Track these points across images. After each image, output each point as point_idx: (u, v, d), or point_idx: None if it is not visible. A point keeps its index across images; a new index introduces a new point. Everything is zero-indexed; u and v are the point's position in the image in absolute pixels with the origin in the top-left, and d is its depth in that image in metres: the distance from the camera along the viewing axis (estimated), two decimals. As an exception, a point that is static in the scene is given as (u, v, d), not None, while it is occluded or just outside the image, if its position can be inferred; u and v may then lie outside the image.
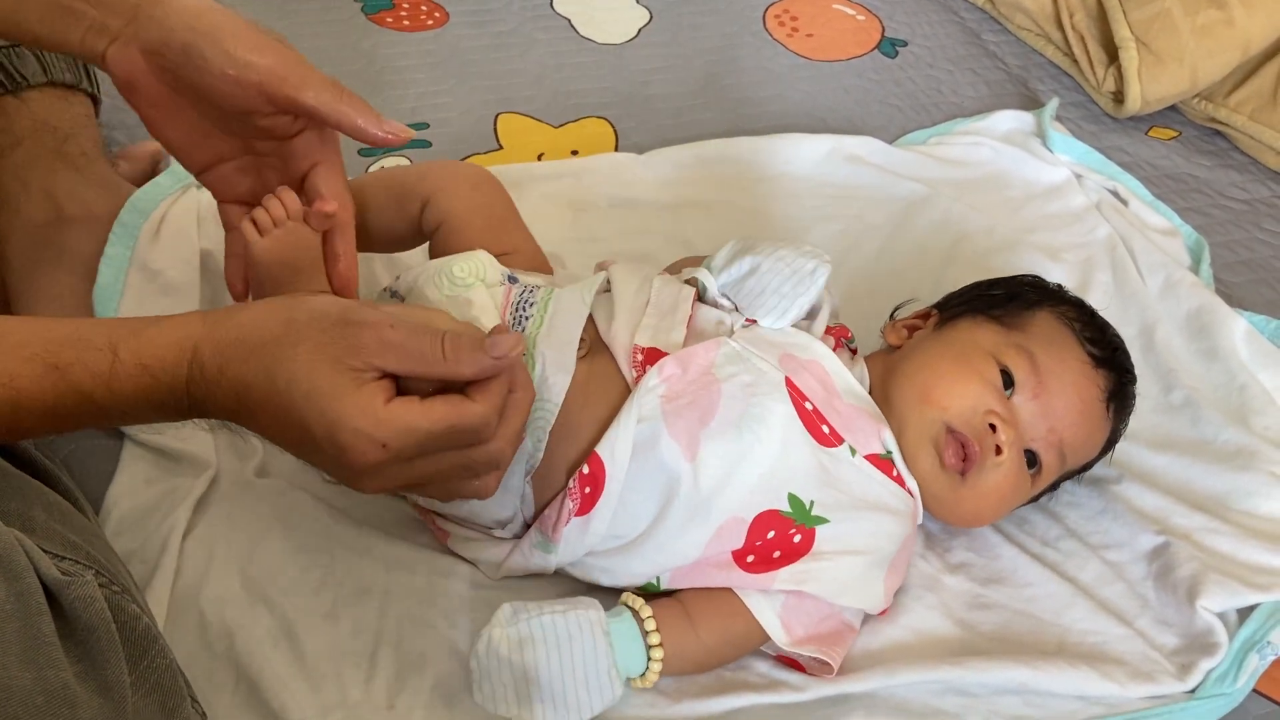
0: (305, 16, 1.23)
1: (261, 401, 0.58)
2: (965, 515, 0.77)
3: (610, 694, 0.67)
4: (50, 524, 0.58)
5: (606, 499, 0.69)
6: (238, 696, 0.68)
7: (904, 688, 0.72)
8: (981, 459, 0.73)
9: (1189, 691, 0.74)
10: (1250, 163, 1.21)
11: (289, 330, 0.59)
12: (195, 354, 0.58)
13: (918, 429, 0.74)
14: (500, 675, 0.66)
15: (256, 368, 0.58)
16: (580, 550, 0.71)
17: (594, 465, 0.69)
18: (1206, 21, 1.18)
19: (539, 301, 0.73)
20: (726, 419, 0.69)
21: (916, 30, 1.35)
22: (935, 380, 0.74)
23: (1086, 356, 0.77)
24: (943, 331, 0.79)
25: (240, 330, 0.59)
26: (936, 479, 0.74)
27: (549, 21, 1.28)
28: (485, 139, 1.11)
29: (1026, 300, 0.80)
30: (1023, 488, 0.76)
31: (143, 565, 0.72)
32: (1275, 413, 0.90)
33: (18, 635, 0.48)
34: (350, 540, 0.76)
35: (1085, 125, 1.23)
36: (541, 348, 0.70)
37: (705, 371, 0.71)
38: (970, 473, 0.73)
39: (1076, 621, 0.77)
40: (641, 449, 0.69)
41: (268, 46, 0.66)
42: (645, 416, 0.69)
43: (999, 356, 0.75)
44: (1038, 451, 0.75)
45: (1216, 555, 0.80)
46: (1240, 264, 1.09)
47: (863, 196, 1.08)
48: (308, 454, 0.60)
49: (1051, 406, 0.75)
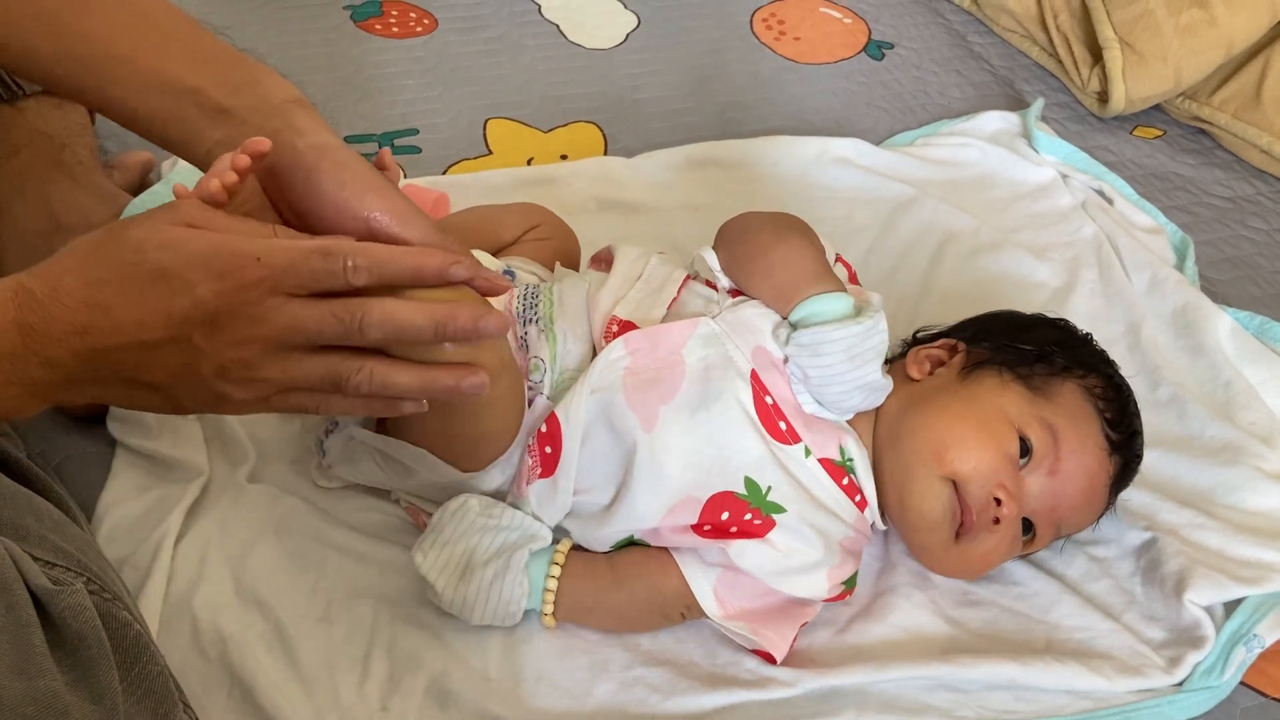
0: (295, 24, 1.24)
1: (112, 285, 0.56)
2: (949, 571, 0.78)
3: (508, 618, 0.71)
4: (42, 532, 0.58)
5: (566, 459, 0.70)
6: (231, 701, 0.68)
7: (894, 684, 0.72)
8: (978, 528, 0.73)
9: (1176, 685, 0.74)
10: (1234, 160, 1.22)
11: (117, 223, 0.59)
12: (18, 290, 0.56)
13: (925, 483, 0.73)
14: (451, 539, 0.70)
15: (98, 260, 0.57)
16: (556, 512, 0.72)
17: (551, 425, 0.71)
18: (1189, 21, 1.19)
19: (544, 292, 0.76)
20: (686, 399, 0.71)
21: (903, 33, 1.35)
22: (954, 441, 0.73)
23: (1105, 442, 0.75)
24: (968, 383, 0.76)
25: (61, 255, 0.58)
26: (932, 533, 0.74)
27: (537, 27, 1.28)
28: (475, 144, 1.12)
29: (1055, 366, 0.76)
30: (1012, 551, 0.76)
31: (135, 572, 0.72)
32: (1260, 407, 0.91)
33: (8, 646, 0.48)
34: (342, 544, 0.76)
35: (1070, 125, 1.24)
36: (559, 323, 0.73)
37: (673, 351, 0.72)
38: (964, 538, 0.73)
39: (1064, 618, 0.77)
40: (602, 417, 0.71)
41: (383, 188, 0.65)
42: (608, 386, 0.71)
43: (1022, 427, 0.73)
44: (1035, 523, 0.75)
45: (1203, 550, 0.81)
46: (1225, 261, 1.09)
47: (850, 198, 1.08)
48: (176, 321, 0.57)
49: (1062, 488, 0.74)
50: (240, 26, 1.22)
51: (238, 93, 0.66)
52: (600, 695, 0.71)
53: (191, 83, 0.66)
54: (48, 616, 0.51)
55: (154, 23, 0.68)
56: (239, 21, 1.23)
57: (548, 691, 0.70)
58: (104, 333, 0.56)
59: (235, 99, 0.66)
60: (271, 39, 1.21)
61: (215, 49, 0.69)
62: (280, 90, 0.67)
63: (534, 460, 0.71)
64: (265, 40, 1.21)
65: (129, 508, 0.76)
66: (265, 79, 0.67)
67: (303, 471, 0.80)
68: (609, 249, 0.80)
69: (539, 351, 0.72)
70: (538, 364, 0.72)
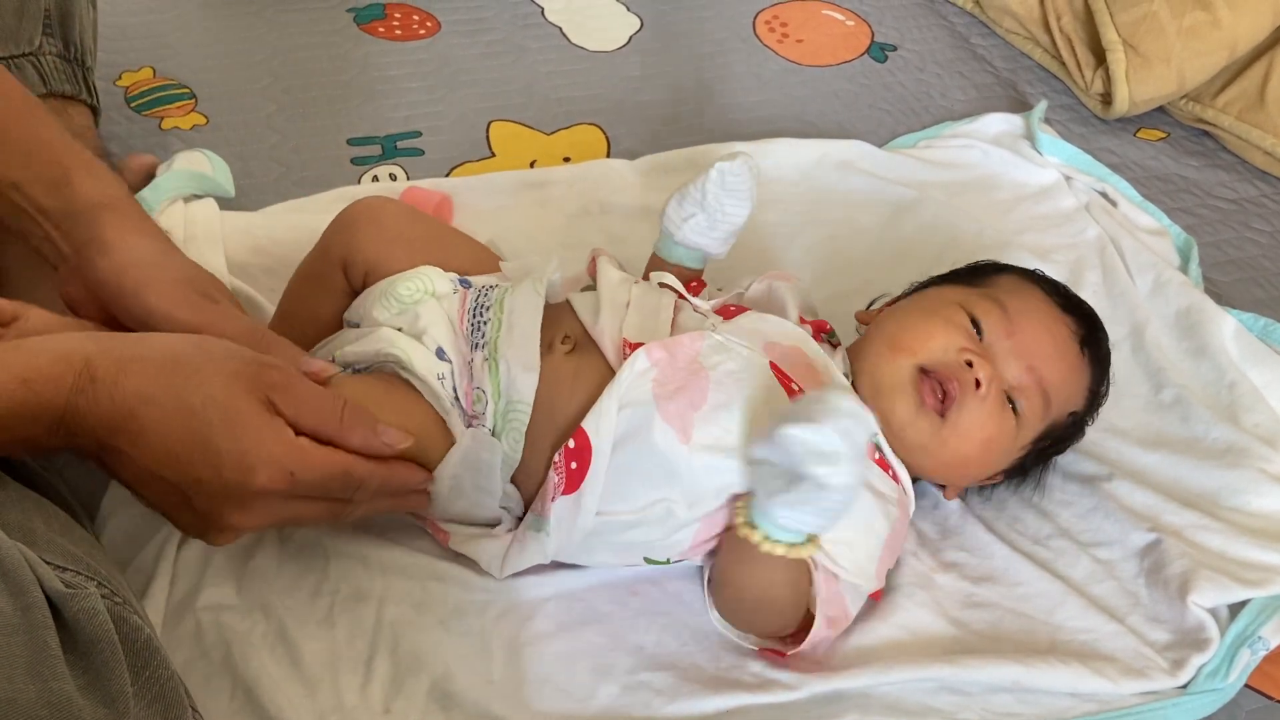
0: (297, 27, 1.24)
1: (160, 419, 0.58)
2: (950, 460, 0.75)
3: None
4: (50, 535, 0.58)
5: (594, 474, 0.69)
6: (235, 703, 0.68)
7: (897, 686, 0.72)
8: (961, 395, 0.73)
9: (1181, 687, 0.74)
10: (1238, 162, 1.22)
11: (201, 352, 0.61)
12: (86, 365, 0.57)
13: (891, 377, 0.74)
14: None
15: (163, 384, 0.58)
16: (576, 532, 0.71)
17: (579, 440, 0.69)
18: (1193, 23, 1.19)
19: (494, 303, 0.73)
20: (717, 403, 0.70)
21: (905, 35, 1.35)
22: (902, 330, 0.76)
23: (1053, 303, 0.79)
24: (911, 297, 0.82)
25: (143, 347, 0.60)
26: (915, 424, 0.74)
27: (540, 30, 1.29)
28: (478, 146, 1.12)
29: (991, 268, 0.83)
30: (1007, 430, 0.75)
31: (139, 575, 0.72)
32: (1265, 409, 0.91)
33: (23, 648, 0.48)
34: (345, 546, 0.76)
35: (1074, 127, 1.24)
36: (504, 350, 0.71)
37: (692, 360, 0.72)
38: (950, 411, 0.73)
39: (1068, 619, 0.77)
40: (636, 433, 0.69)
41: (194, 303, 0.68)
42: (638, 401, 0.70)
43: (967, 307, 0.76)
44: (1017, 396, 0.75)
45: (1207, 552, 0.80)
46: (1229, 263, 1.09)
47: (853, 200, 1.08)
48: (191, 479, 0.60)
49: (1025, 344, 0.75)
50: (243, 30, 1.22)
51: (54, 191, 0.69)
52: (603, 698, 0.70)
53: (13, 178, 0.68)
54: (61, 620, 0.51)
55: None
56: (242, 25, 1.23)
57: (551, 694, 0.70)
58: (128, 442, 0.59)
59: (51, 199, 0.69)
60: (274, 42, 1.21)
61: (42, 141, 0.71)
62: (91, 191, 0.69)
63: (560, 477, 0.70)
64: (268, 43, 1.21)
65: (132, 510, 0.76)
66: (79, 178, 0.70)
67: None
68: (593, 260, 0.80)
69: (481, 382, 0.71)
70: (479, 395, 0.71)
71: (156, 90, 1.13)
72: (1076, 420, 0.80)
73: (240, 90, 1.14)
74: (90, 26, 0.97)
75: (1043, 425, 0.78)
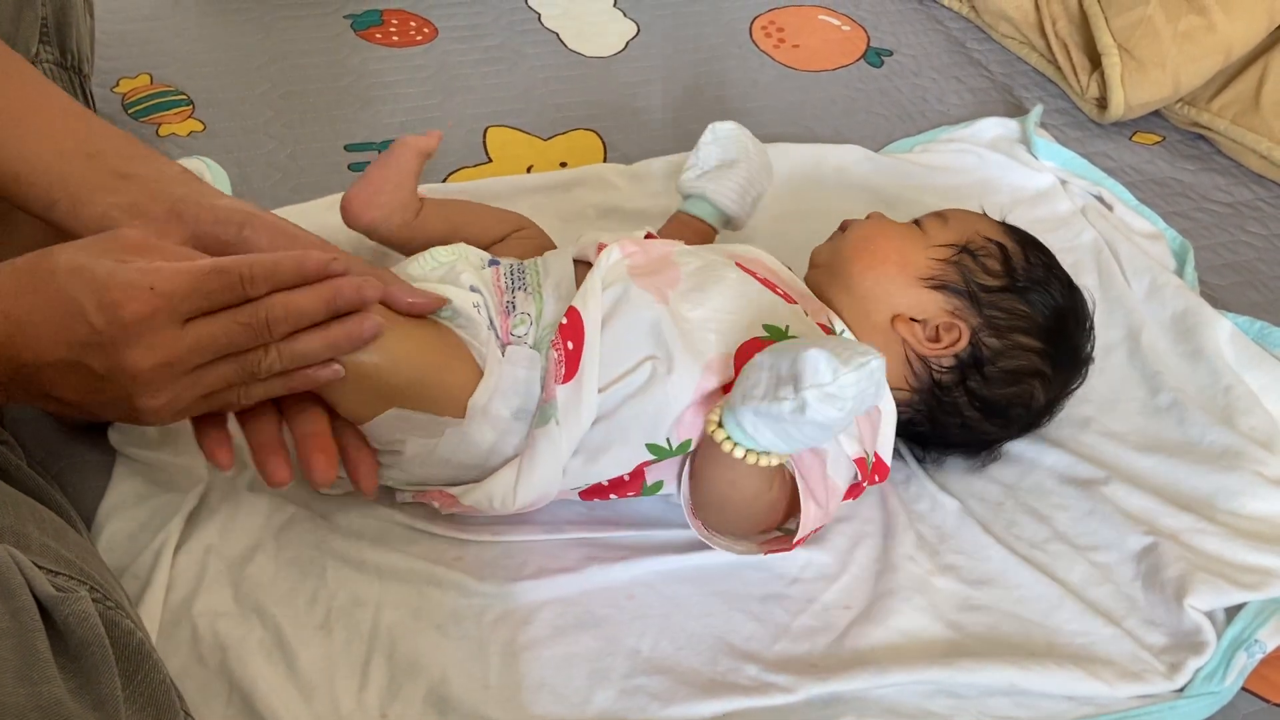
0: (295, 33, 1.24)
1: (29, 299, 0.58)
2: (849, 255, 0.82)
3: None
4: (44, 540, 0.58)
5: (589, 349, 0.72)
6: (231, 709, 0.68)
7: (894, 689, 0.72)
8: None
9: (1177, 690, 0.74)
10: (1233, 166, 1.22)
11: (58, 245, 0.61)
12: None
13: None
14: None
15: (19, 276, 0.59)
16: (583, 414, 0.72)
17: (572, 317, 0.74)
18: (1188, 27, 1.19)
19: (529, 268, 0.79)
20: (687, 286, 0.76)
21: (902, 40, 1.36)
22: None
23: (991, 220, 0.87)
24: None
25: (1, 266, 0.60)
26: (827, 245, 0.86)
27: (537, 36, 1.29)
28: (474, 152, 1.12)
29: None
30: (899, 230, 0.84)
31: (135, 580, 0.72)
32: (1261, 413, 0.91)
33: (13, 652, 0.48)
34: (342, 551, 0.76)
35: (1069, 131, 1.24)
36: (546, 286, 0.77)
37: (665, 256, 0.79)
38: (849, 228, 0.85)
39: (1065, 622, 0.77)
40: (618, 305, 0.74)
41: (300, 236, 0.70)
42: (617, 279, 0.76)
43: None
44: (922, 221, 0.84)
45: (1204, 555, 0.81)
46: (1225, 266, 1.09)
47: (849, 205, 1.08)
48: (75, 345, 0.59)
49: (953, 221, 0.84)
50: (240, 36, 1.23)
51: (136, 161, 0.69)
52: (599, 703, 0.70)
53: (92, 148, 0.68)
54: (52, 623, 0.51)
55: (54, 98, 0.71)
56: (239, 31, 1.23)
57: (547, 699, 0.70)
58: (17, 347, 0.59)
59: (135, 167, 0.69)
60: (272, 48, 1.22)
61: (111, 128, 0.72)
62: (175, 164, 0.71)
63: (559, 355, 0.73)
64: (265, 50, 1.21)
65: (129, 515, 0.76)
66: (158, 155, 0.71)
67: (302, 479, 0.80)
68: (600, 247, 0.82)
69: (525, 308, 0.76)
70: (524, 318, 0.75)
71: (154, 97, 1.13)
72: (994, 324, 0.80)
73: (238, 96, 1.15)
74: (87, 34, 0.98)
75: (949, 244, 0.82)
